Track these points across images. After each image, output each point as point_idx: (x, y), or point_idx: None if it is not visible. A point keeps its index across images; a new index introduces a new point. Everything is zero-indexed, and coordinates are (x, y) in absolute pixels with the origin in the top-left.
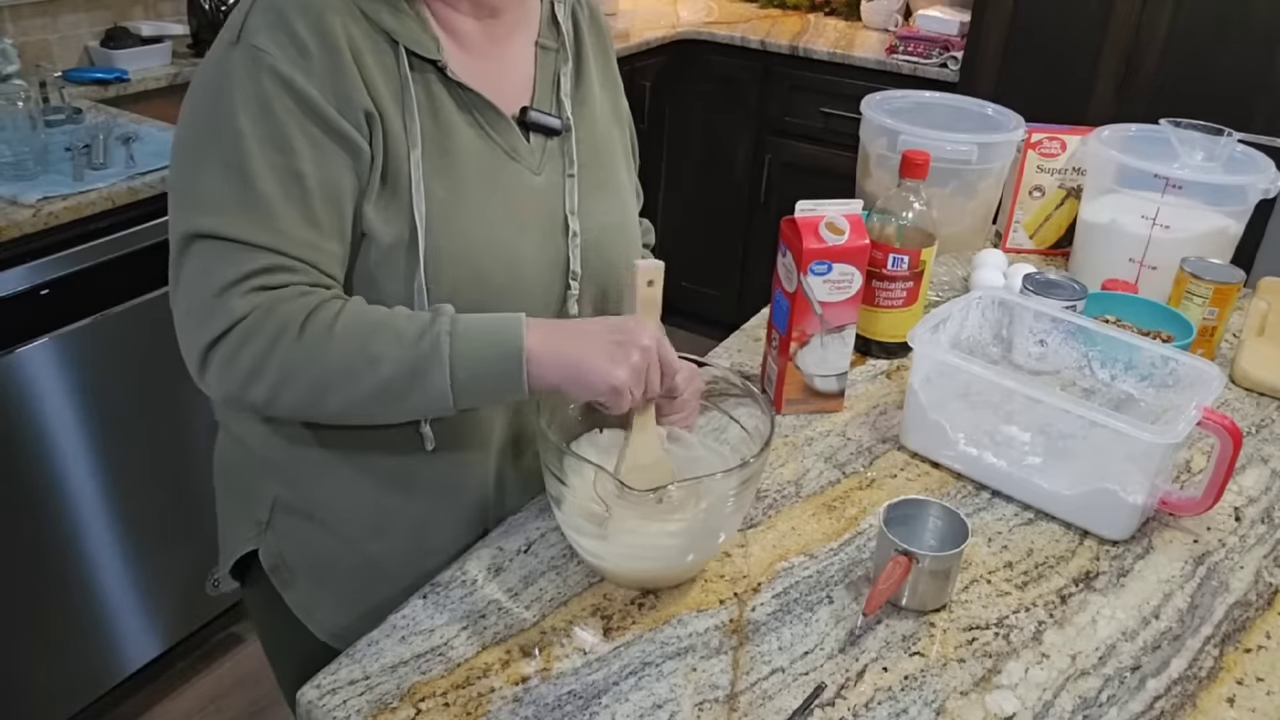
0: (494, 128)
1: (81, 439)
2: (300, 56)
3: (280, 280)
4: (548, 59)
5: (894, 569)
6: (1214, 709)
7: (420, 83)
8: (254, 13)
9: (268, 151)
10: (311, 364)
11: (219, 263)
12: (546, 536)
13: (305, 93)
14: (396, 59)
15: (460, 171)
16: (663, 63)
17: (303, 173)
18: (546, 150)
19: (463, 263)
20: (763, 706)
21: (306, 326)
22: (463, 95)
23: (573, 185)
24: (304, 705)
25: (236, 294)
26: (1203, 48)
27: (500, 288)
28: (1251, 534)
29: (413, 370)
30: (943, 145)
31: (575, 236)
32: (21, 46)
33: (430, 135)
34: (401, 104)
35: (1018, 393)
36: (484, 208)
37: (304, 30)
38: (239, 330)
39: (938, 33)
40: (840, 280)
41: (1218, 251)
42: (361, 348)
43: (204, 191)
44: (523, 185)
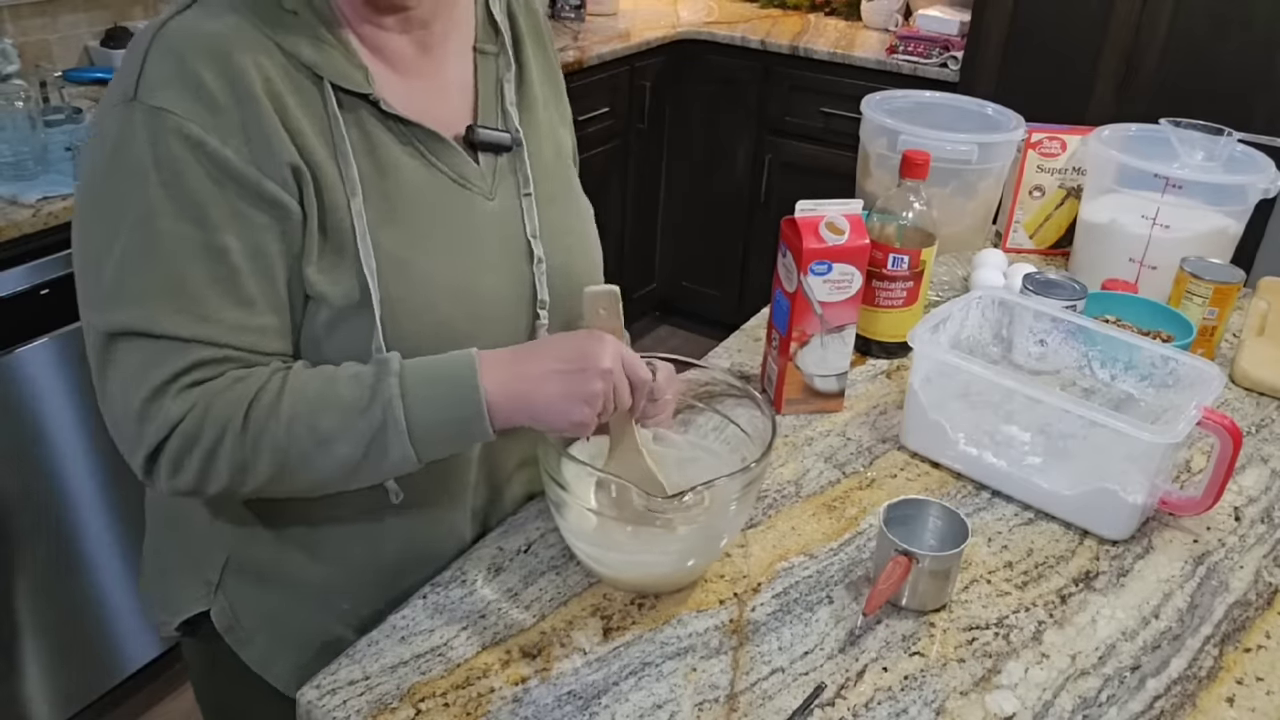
0: (438, 156)
1: (81, 439)
2: (210, 112)
3: (214, 372)
4: (488, 65)
5: (894, 569)
6: (1214, 709)
7: (352, 121)
8: (151, 61)
9: (184, 227)
10: (263, 457)
11: (146, 364)
12: (546, 537)
13: (220, 155)
14: (322, 97)
15: (408, 213)
16: (663, 63)
17: (226, 247)
18: (497, 170)
19: (422, 314)
20: (763, 706)
21: (249, 420)
22: (400, 128)
23: (531, 205)
24: (304, 705)
25: (169, 396)
26: (1203, 47)
27: (465, 333)
28: (1251, 534)
29: (370, 443)
30: (943, 145)
31: (540, 262)
32: (21, 46)
33: (370, 178)
34: (333, 148)
35: (1018, 393)
36: (439, 249)
37: (212, 79)
38: (178, 436)
39: (938, 33)
40: (840, 280)
41: (1218, 251)
42: (312, 430)
43: (117, 281)
44: (477, 214)
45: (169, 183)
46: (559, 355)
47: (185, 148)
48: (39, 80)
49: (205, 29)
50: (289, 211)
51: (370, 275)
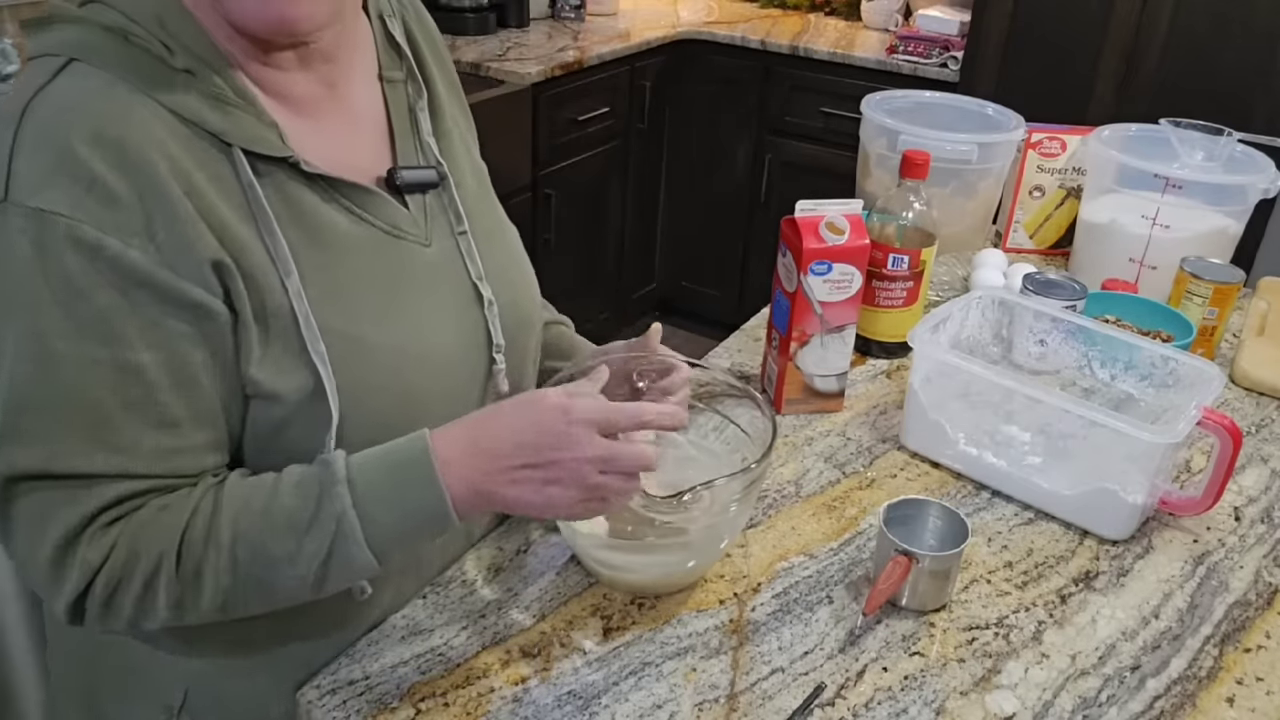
0: (367, 209)
1: None
2: (107, 209)
3: (133, 506)
4: (398, 95)
5: (894, 569)
6: (1214, 709)
7: (271, 188)
8: (23, 150)
9: (88, 347)
10: (206, 589)
11: (52, 508)
12: (546, 537)
13: (124, 259)
14: (234, 166)
15: (349, 282)
16: (663, 63)
17: (139, 364)
18: (428, 212)
19: (383, 390)
20: (762, 706)
21: (184, 555)
22: (324, 185)
23: (469, 244)
24: (304, 705)
25: (84, 542)
26: (1203, 47)
27: (424, 398)
28: (1251, 534)
29: (325, 560)
30: (943, 145)
31: (491, 305)
32: (21, 46)
33: (302, 250)
34: (256, 224)
35: (1018, 392)
36: (388, 315)
37: (105, 169)
38: (102, 581)
39: (938, 33)
40: (840, 280)
41: (1218, 251)
42: (257, 554)
43: (10, 417)
44: (417, 265)
45: (64, 298)
46: (523, 441)
47: (80, 255)
48: None
49: (86, 104)
50: (212, 313)
51: (321, 361)
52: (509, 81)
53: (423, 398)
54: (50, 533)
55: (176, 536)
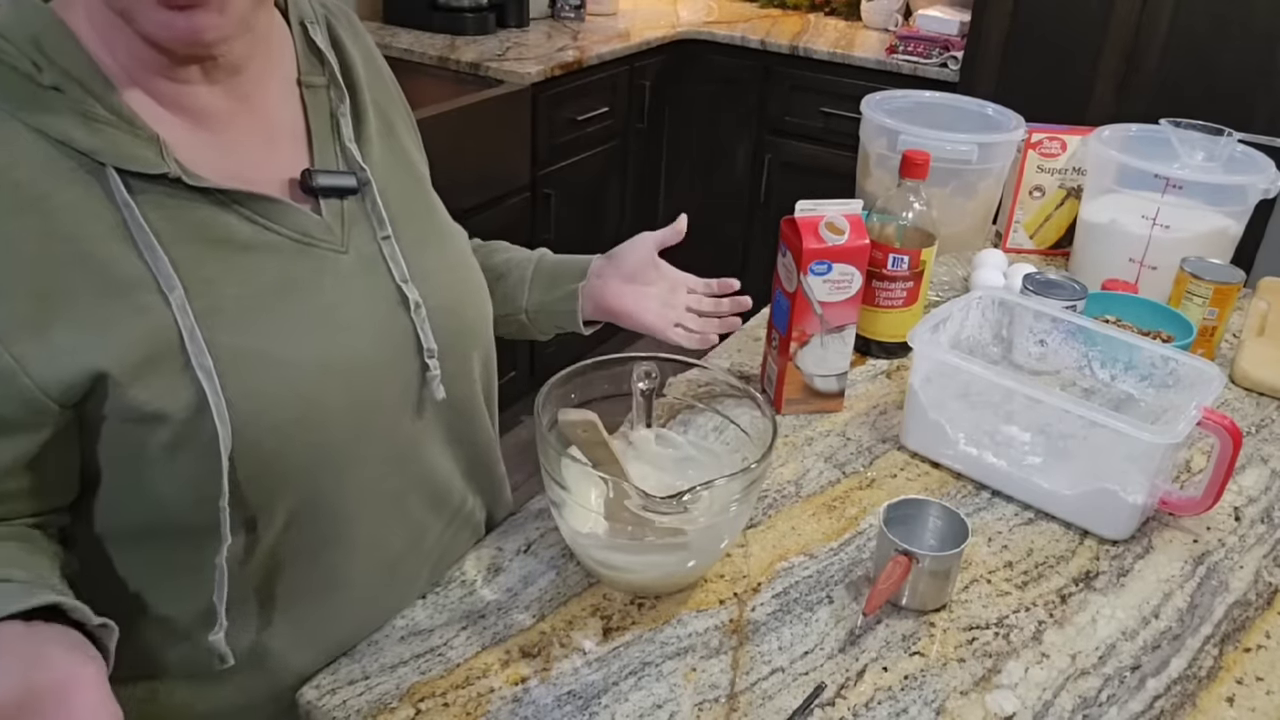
0: (271, 218)
1: None
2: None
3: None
4: (318, 100)
5: (894, 569)
6: (1214, 709)
7: (152, 205)
8: None
9: None
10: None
11: None
12: (546, 536)
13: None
14: (107, 186)
15: (242, 292)
16: (663, 63)
17: None
18: (345, 218)
19: (278, 407)
20: (763, 706)
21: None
22: (219, 197)
23: (393, 248)
24: (304, 705)
25: None
26: (1203, 47)
27: (334, 415)
28: (1251, 534)
29: None
30: (943, 145)
31: (419, 307)
32: None
33: (188, 265)
34: (133, 241)
35: (1018, 393)
36: (292, 326)
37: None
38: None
39: (938, 33)
40: (840, 280)
41: (1218, 251)
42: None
43: None
44: (329, 273)
45: None
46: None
47: None
48: None
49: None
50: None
51: (206, 376)
52: (508, 81)
53: (332, 413)
54: None
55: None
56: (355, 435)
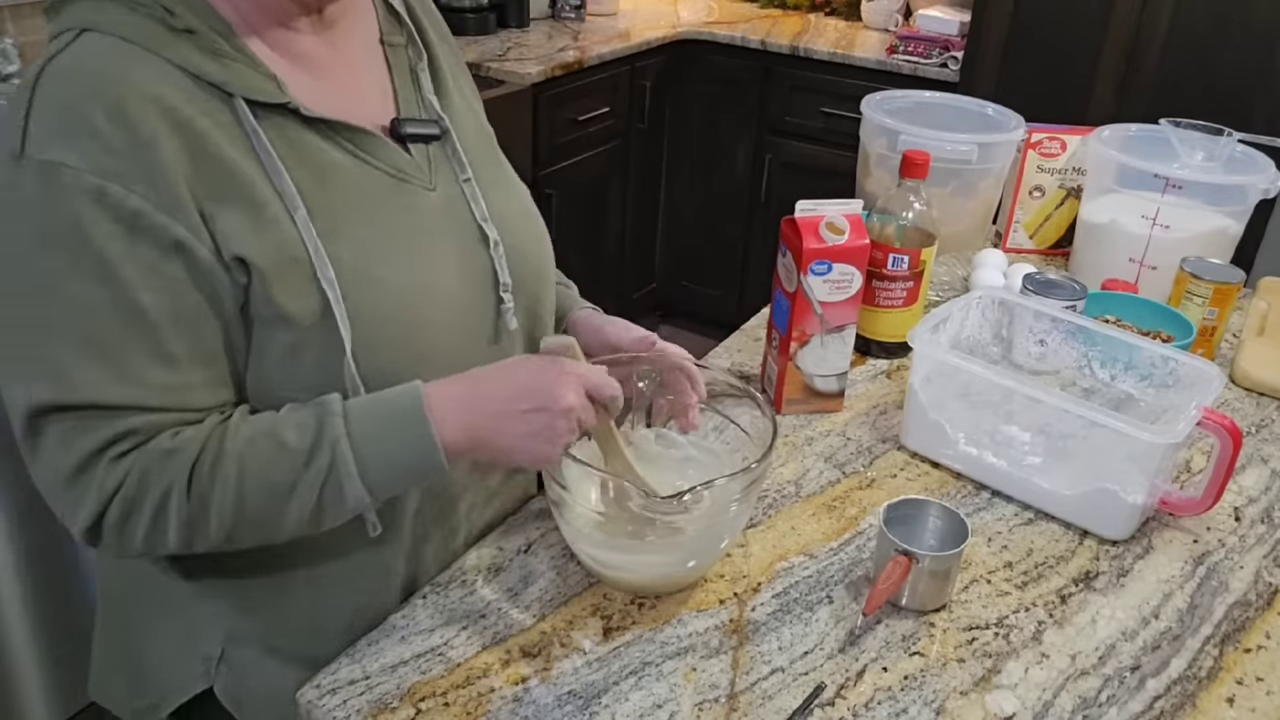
0: (370, 152)
1: None
2: (110, 159)
3: (144, 437)
4: (399, 58)
5: (894, 569)
6: (1214, 709)
7: (274, 131)
8: (37, 111)
9: (91, 287)
10: (212, 518)
11: (73, 435)
12: (546, 536)
13: (125, 205)
14: (236, 114)
15: (355, 219)
16: (663, 63)
17: (140, 305)
18: (431, 160)
19: (388, 320)
20: (763, 706)
21: (193, 483)
22: (326, 130)
23: (474, 190)
24: (304, 705)
25: (100, 467)
26: (1203, 47)
27: (433, 329)
28: (1251, 534)
29: (322, 488)
30: (943, 145)
31: (497, 245)
32: (22, 46)
33: (308, 188)
34: (261, 164)
35: (1018, 393)
36: (392, 250)
37: (106, 123)
38: (116, 506)
39: (938, 33)
40: (840, 280)
41: (1218, 251)
42: (262, 484)
43: (33, 353)
44: (421, 207)
45: (72, 243)
46: (519, 392)
47: (86, 202)
48: None
49: (94, 67)
50: (199, 258)
51: (329, 285)
52: (509, 81)
53: (432, 328)
54: (68, 459)
55: (186, 469)
56: (446, 353)
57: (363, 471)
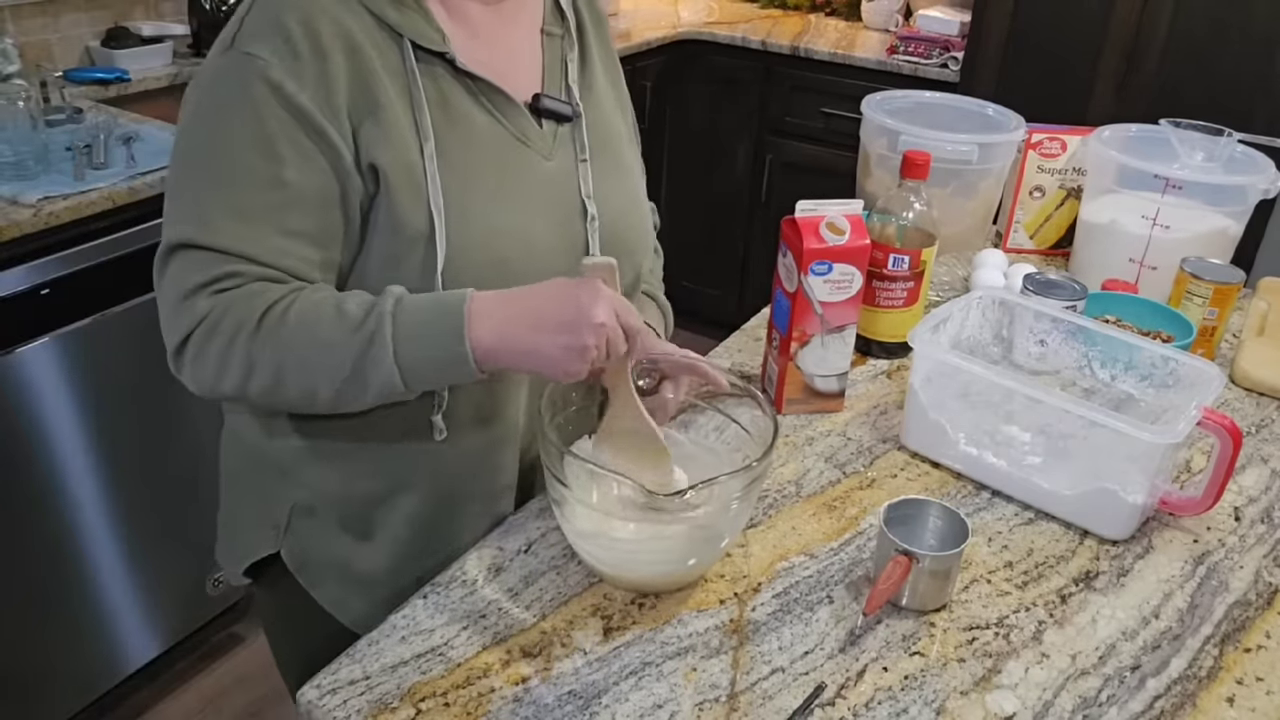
0: (504, 114)
1: (81, 439)
2: (293, 59)
3: (243, 280)
4: (554, 46)
5: (894, 569)
6: (1214, 709)
7: (428, 75)
8: (250, 16)
9: (252, 158)
10: (269, 355)
11: (191, 268)
12: (546, 536)
13: (295, 99)
14: (402, 54)
15: (472, 162)
16: (663, 63)
17: (285, 180)
18: (558, 136)
19: (481, 249)
20: (763, 706)
21: (264, 320)
22: (473, 84)
23: (586, 170)
24: (304, 705)
25: (202, 296)
26: (1203, 48)
27: (517, 272)
28: (1251, 534)
29: (359, 357)
30: (943, 145)
31: (594, 220)
32: (22, 46)
33: (441, 127)
34: (410, 99)
35: (1018, 393)
36: (497, 195)
37: (298, 33)
38: (202, 329)
39: (938, 33)
40: (841, 280)
41: (1218, 251)
42: (312, 336)
43: (188, 198)
44: (534, 170)
45: (249, 119)
46: (553, 305)
47: (267, 89)
48: (40, 80)
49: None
50: (344, 159)
51: (437, 211)
52: None
53: (516, 271)
54: (182, 285)
55: (262, 309)
56: None
57: (396, 348)
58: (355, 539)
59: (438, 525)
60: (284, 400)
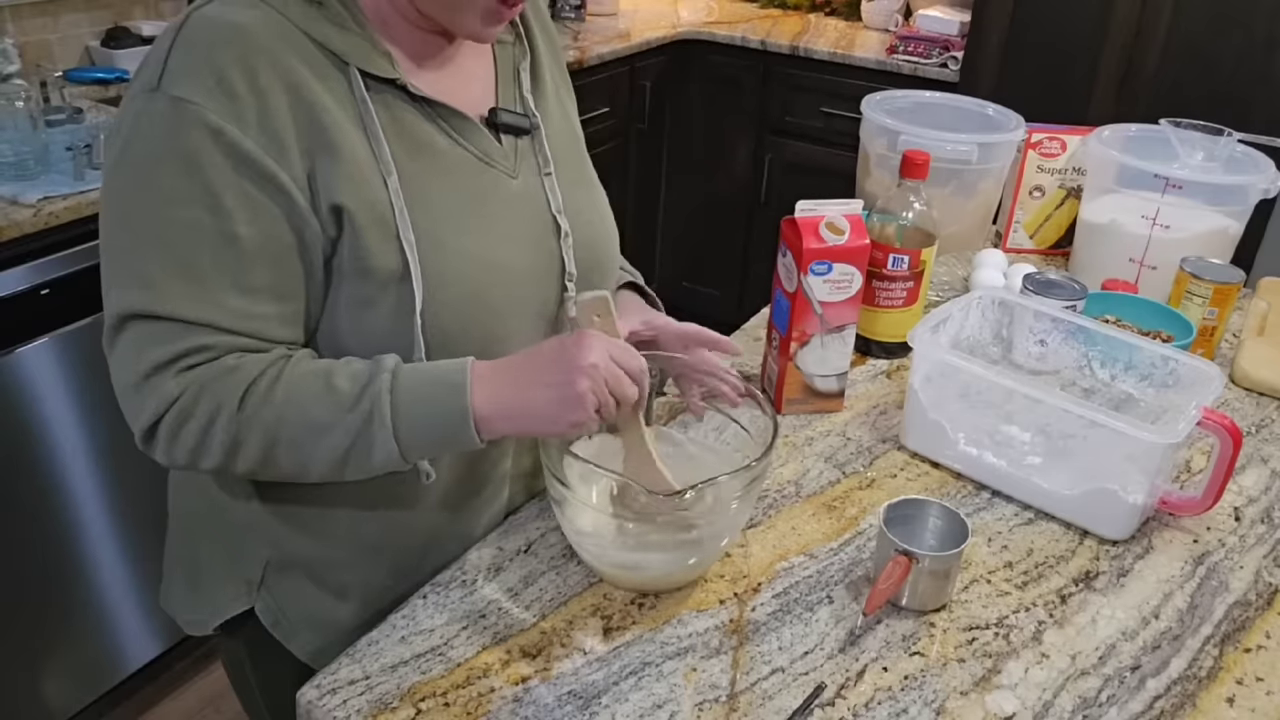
0: (464, 135)
1: (81, 439)
2: (230, 101)
3: (213, 355)
4: (505, 54)
5: (894, 569)
6: (1214, 709)
7: (380, 103)
8: (176, 53)
9: (195, 213)
10: (256, 436)
11: (149, 343)
12: (546, 536)
13: (238, 145)
14: (350, 82)
15: (439, 192)
16: (663, 63)
17: (236, 235)
18: (518, 151)
19: (455, 286)
20: (763, 706)
21: (245, 400)
22: (428, 109)
23: (553, 184)
24: (304, 705)
25: (168, 375)
26: (1203, 47)
27: (497, 303)
28: (1251, 534)
29: (356, 436)
30: (943, 145)
31: (567, 236)
32: (22, 46)
33: (402, 159)
34: (365, 130)
35: (1018, 392)
36: (469, 225)
37: (233, 70)
38: (174, 413)
39: (938, 33)
40: (840, 280)
41: (1218, 251)
42: (303, 416)
43: (131, 264)
44: (502, 191)
45: (187, 171)
46: (540, 360)
47: (205, 136)
48: (39, 80)
49: (230, 20)
50: (297, 203)
51: (410, 249)
52: None
53: (496, 302)
54: (142, 364)
55: (241, 388)
56: (508, 330)
57: (395, 427)
58: (333, 595)
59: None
60: (273, 475)
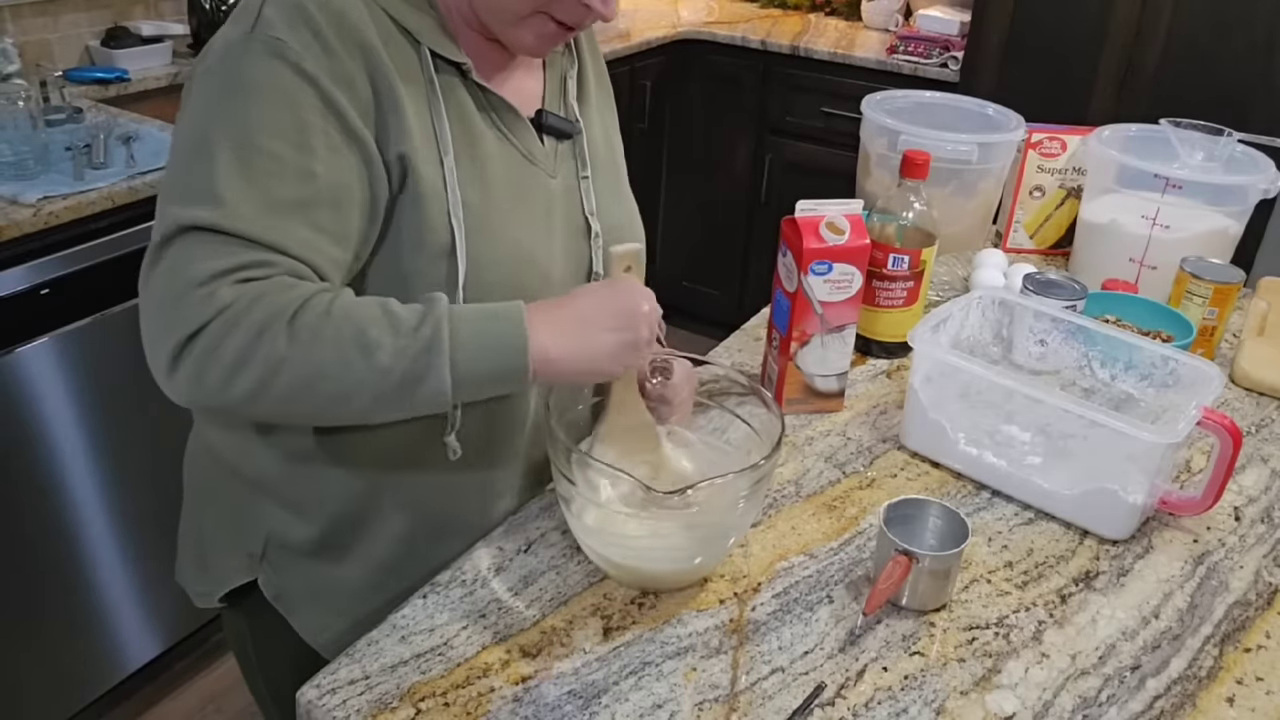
0: (513, 131)
1: (81, 439)
2: (324, 55)
3: (271, 272)
4: (554, 63)
5: (894, 569)
6: (1214, 709)
7: (445, 85)
8: (268, 6)
9: (281, 146)
10: (303, 353)
11: (209, 254)
12: (547, 536)
13: (330, 93)
14: (420, 61)
15: (488, 176)
16: (663, 63)
17: (314, 173)
18: (559, 154)
19: (497, 267)
20: (763, 706)
21: (299, 315)
22: (485, 98)
23: (588, 187)
24: (304, 705)
25: (225, 283)
26: (1203, 48)
27: (532, 293)
28: (1251, 534)
29: (412, 360)
30: (943, 145)
31: (597, 237)
32: (22, 46)
33: (459, 139)
34: (429, 107)
35: (1018, 392)
36: (512, 212)
37: (327, 28)
38: (222, 319)
39: (938, 33)
40: (840, 280)
41: (1218, 251)
42: (358, 335)
43: (207, 182)
44: (542, 188)
45: (280, 105)
46: (598, 305)
47: (301, 78)
48: (39, 80)
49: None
50: (374, 162)
51: (458, 224)
52: None
53: (526, 288)
54: (196, 271)
55: (296, 304)
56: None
57: (454, 357)
58: (331, 562)
59: (415, 545)
60: (303, 408)
